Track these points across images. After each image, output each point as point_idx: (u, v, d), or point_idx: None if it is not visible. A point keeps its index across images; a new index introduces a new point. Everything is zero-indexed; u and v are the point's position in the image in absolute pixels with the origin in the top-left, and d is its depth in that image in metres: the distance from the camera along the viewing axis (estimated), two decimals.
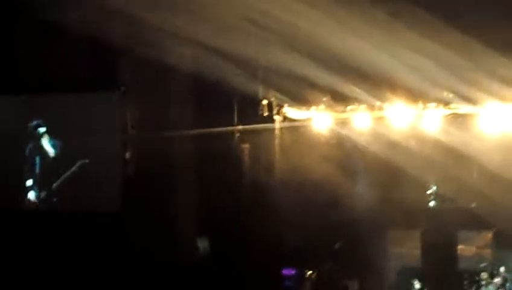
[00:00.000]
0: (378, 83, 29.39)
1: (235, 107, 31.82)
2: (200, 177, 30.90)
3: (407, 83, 28.71)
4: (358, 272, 33.88)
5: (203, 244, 32.61)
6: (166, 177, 30.13)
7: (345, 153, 32.69)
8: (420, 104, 29.97)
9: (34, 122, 31.22)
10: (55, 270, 29.65)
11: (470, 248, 33.94)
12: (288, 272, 33.57)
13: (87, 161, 30.28)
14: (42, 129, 31.10)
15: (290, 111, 31.85)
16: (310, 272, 33.69)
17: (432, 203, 33.99)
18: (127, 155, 30.52)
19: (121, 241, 29.63)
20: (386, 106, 30.32)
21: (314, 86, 29.68)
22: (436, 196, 33.93)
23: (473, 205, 33.21)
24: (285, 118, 31.40)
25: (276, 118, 31.32)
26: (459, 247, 33.97)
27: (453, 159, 32.02)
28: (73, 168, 30.66)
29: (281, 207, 32.14)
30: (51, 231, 30.34)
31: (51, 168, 31.12)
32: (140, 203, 29.71)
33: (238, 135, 31.50)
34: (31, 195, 31.54)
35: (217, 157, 30.35)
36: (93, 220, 29.86)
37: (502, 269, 31.89)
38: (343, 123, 31.27)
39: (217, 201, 30.42)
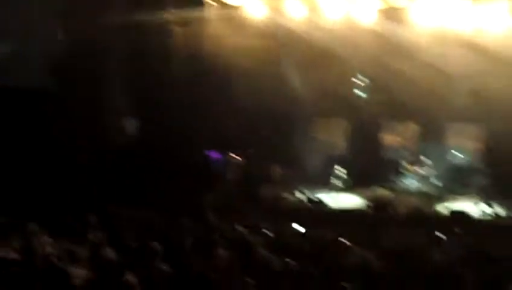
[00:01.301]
0: None
1: None
2: (130, 62, 30.36)
3: None
4: (283, 157, 34.45)
5: (130, 125, 32.48)
6: (97, 61, 29.47)
7: (276, 40, 32.45)
8: None
9: None
10: None
11: (394, 137, 34.56)
12: (214, 155, 33.78)
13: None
14: None
15: None
16: (236, 156, 33.96)
17: (359, 93, 34.21)
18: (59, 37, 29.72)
19: (49, 120, 29.10)
20: None
21: None
22: (365, 85, 34.13)
23: (400, 95, 33.65)
24: (218, 3, 30.76)
25: (210, 2, 30.66)
26: (383, 136, 34.52)
27: (384, 50, 32.24)
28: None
29: (210, 93, 32.11)
30: None
31: None
32: (70, 84, 29.15)
33: (169, 20, 30.88)
34: None
35: (148, 42, 29.82)
36: (21, 96, 29.13)
37: (426, 159, 32.63)
38: (277, 11, 30.83)
39: (145, 85, 30.11)
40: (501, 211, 28.32)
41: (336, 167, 32.19)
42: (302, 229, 22.89)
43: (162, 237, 19.14)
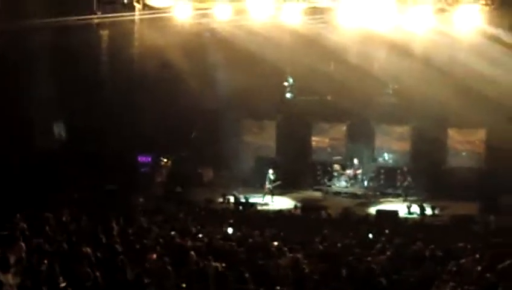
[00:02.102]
0: None
1: None
2: (57, 66, 29.95)
3: None
4: (214, 160, 34.54)
5: (59, 130, 32.09)
6: (23, 65, 28.98)
7: (204, 43, 32.42)
8: None
9: None
10: None
11: (323, 139, 34.94)
12: (144, 159, 33.62)
13: None
14: None
15: None
16: (166, 159, 33.87)
17: (288, 95, 34.52)
18: None
19: None
20: None
21: None
22: (292, 87, 34.48)
23: (328, 97, 34.10)
24: (145, 6, 30.55)
25: (136, 5, 30.42)
26: (313, 138, 34.96)
27: (310, 51, 32.53)
28: None
29: (139, 97, 31.89)
30: None
31: None
32: None
33: (96, 23, 30.55)
34: None
35: (75, 46, 29.45)
36: None
37: (355, 160, 33.07)
38: (204, 13, 30.77)
39: (73, 89, 29.74)
40: (428, 210, 28.85)
41: (267, 169, 32.31)
42: (234, 232, 22.95)
43: (94, 241, 19.05)
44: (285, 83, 34.18)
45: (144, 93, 31.76)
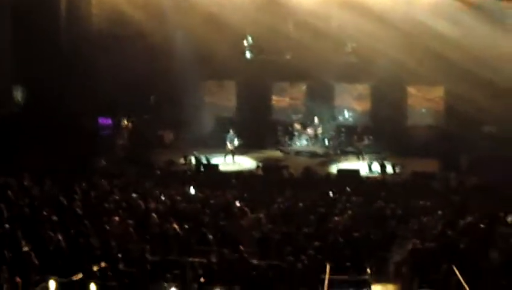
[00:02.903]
0: None
1: None
2: (16, 28, 29.61)
3: None
4: (174, 123, 34.40)
5: (18, 94, 31.78)
6: None
7: (163, 3, 32.21)
8: None
9: None
10: None
11: (283, 99, 34.85)
12: (104, 121, 33.40)
13: None
14: None
15: None
16: (126, 122, 33.67)
17: (247, 54, 34.37)
18: None
19: None
20: None
21: None
22: (252, 47, 34.31)
23: (288, 56, 34.04)
24: None
25: None
26: (273, 98, 34.84)
27: (268, 11, 32.43)
28: None
29: (98, 58, 31.66)
30: None
31: None
32: None
33: None
34: None
35: (33, 7, 29.12)
36: None
37: (315, 120, 33.08)
38: None
39: (31, 52, 29.41)
40: (389, 168, 29.09)
41: (227, 129, 32.22)
42: (195, 193, 23.00)
43: (56, 205, 19.00)
44: (245, 42, 33.97)
45: (102, 53, 31.58)
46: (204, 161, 30.32)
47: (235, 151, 31.66)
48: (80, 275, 13.95)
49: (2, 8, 29.24)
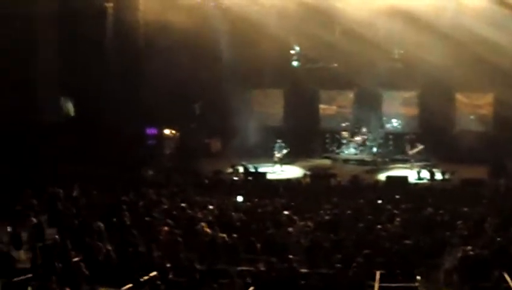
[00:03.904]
0: None
1: None
2: (63, 37, 29.93)
3: None
4: (221, 131, 34.43)
5: (66, 104, 32.14)
6: (27, 37, 28.94)
7: (209, 13, 32.40)
8: None
9: None
10: None
11: (331, 107, 34.86)
12: (151, 131, 33.63)
13: None
14: None
15: None
16: (173, 131, 33.84)
17: (294, 63, 34.32)
18: None
19: None
20: None
21: None
22: (299, 55, 34.25)
23: (335, 64, 33.92)
24: None
25: None
26: (321, 106, 34.85)
27: (314, 19, 32.39)
28: None
29: (146, 69, 31.91)
30: None
31: None
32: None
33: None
34: None
35: (80, 17, 29.45)
36: None
37: (363, 127, 32.90)
38: None
39: (80, 62, 29.75)
40: (438, 175, 28.84)
41: (275, 138, 32.24)
42: (243, 202, 22.99)
43: (104, 215, 19.10)
44: (292, 51, 33.94)
45: (149, 64, 31.94)
46: (252, 170, 30.43)
47: (283, 160, 31.74)
48: (130, 285, 14.02)
49: (50, 19, 29.68)
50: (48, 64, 30.01)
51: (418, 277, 15.88)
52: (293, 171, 31.23)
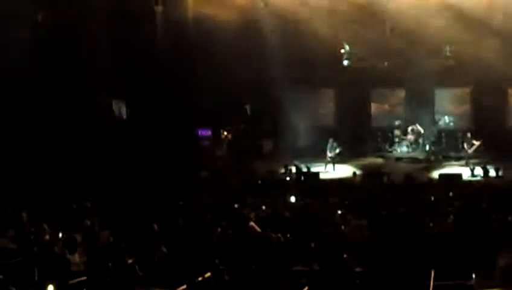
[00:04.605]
0: None
1: None
2: (115, 40, 30.28)
3: None
4: (273, 131, 34.59)
5: (118, 107, 32.48)
6: (81, 40, 29.32)
7: (257, 14, 32.54)
8: None
9: None
10: None
11: (382, 105, 34.94)
12: (204, 132, 33.86)
13: None
14: None
15: None
16: (226, 132, 34.04)
17: (345, 62, 34.30)
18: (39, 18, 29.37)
19: (37, 106, 28.78)
20: None
21: None
22: (350, 54, 34.22)
23: (386, 63, 33.84)
24: None
25: None
26: (372, 105, 34.94)
27: (366, 18, 32.39)
28: None
29: (197, 70, 32.14)
30: None
31: None
32: (54, 67, 28.90)
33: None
34: None
35: (131, 20, 29.78)
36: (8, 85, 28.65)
37: (415, 126, 32.77)
38: None
39: (132, 65, 30.06)
40: (492, 171, 28.62)
41: (327, 137, 32.17)
42: (296, 202, 23.03)
43: (158, 217, 19.27)
44: (342, 50, 33.91)
45: (200, 66, 32.11)
46: (304, 170, 30.51)
47: (336, 159, 31.74)
48: (184, 286, 14.12)
49: (100, 21, 30.00)
50: (99, 66, 30.39)
51: (474, 275, 15.79)
52: (345, 171, 31.18)
